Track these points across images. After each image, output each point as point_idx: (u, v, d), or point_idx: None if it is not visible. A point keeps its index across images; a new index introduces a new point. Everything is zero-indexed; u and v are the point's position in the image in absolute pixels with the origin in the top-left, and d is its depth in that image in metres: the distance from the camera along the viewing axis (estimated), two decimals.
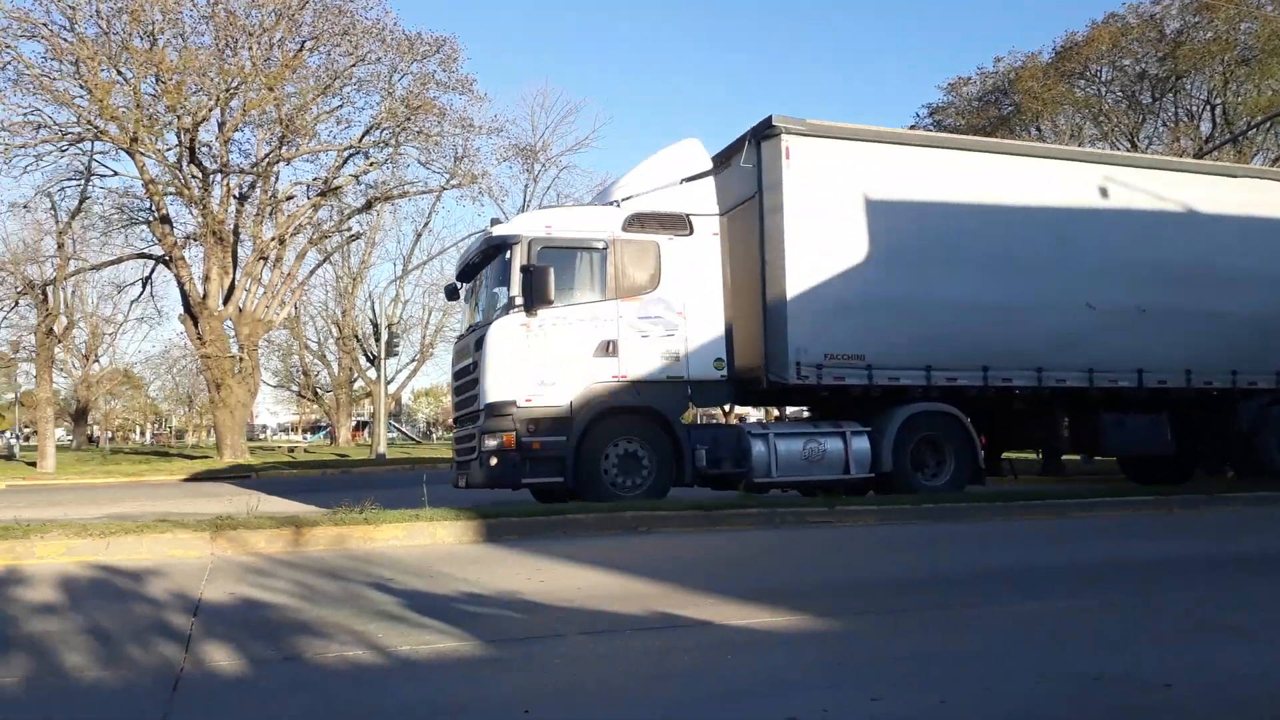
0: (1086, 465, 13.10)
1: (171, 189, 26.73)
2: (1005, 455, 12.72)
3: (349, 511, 7.86)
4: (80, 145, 26.14)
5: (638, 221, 10.45)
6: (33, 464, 28.58)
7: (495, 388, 9.77)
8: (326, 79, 26.94)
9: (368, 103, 28.94)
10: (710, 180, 10.92)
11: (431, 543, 7.73)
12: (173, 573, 6.29)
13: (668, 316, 10.31)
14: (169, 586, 5.80)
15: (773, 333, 10.65)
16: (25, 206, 28.58)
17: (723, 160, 11.27)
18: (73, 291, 37.86)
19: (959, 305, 11.19)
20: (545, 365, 9.79)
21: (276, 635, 4.52)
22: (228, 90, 25.39)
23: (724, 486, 10.65)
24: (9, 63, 23.75)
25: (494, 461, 9.59)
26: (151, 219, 27.97)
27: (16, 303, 30.46)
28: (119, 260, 31.59)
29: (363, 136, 28.74)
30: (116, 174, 27.60)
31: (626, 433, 10.03)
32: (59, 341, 32.02)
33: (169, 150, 26.32)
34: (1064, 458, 13.10)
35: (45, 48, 24.20)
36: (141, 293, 33.16)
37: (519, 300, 9.80)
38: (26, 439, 56.62)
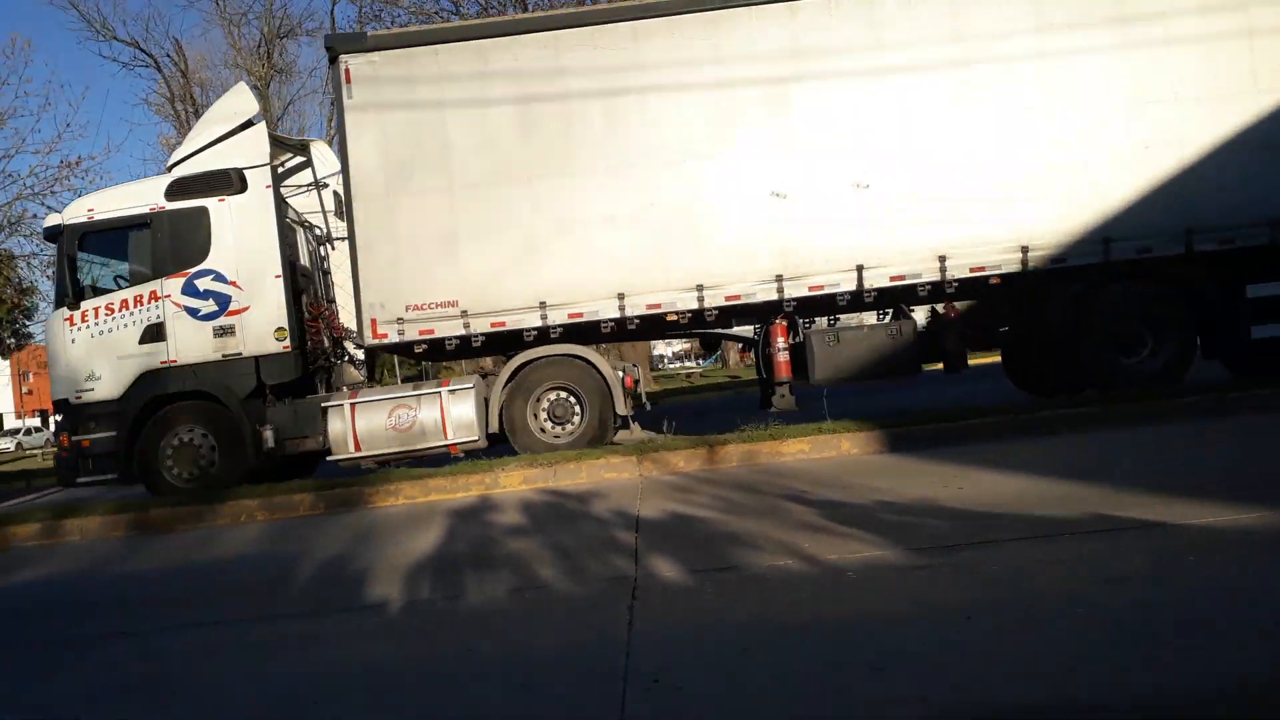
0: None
1: None
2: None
3: (756, 429, 8.17)
4: None
5: (181, 187, 9.39)
6: None
7: (55, 384, 9.45)
8: None
9: None
10: (262, 126, 9.86)
11: (837, 454, 7.79)
12: (610, 493, 6.98)
13: (219, 289, 9.33)
14: (609, 506, 6.44)
15: (357, 288, 9.18)
16: None
17: None
18: None
19: (575, 221, 9.11)
20: (93, 357, 9.24)
21: (710, 547, 4.83)
22: None
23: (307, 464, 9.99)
24: None
25: (59, 461, 9.58)
26: None
27: None
28: None
29: None
30: None
31: (186, 421, 9.26)
32: None
33: None
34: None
35: None
36: None
37: (64, 292, 9.36)
38: None
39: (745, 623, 3.56)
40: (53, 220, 9.90)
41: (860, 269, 9.07)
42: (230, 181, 9.40)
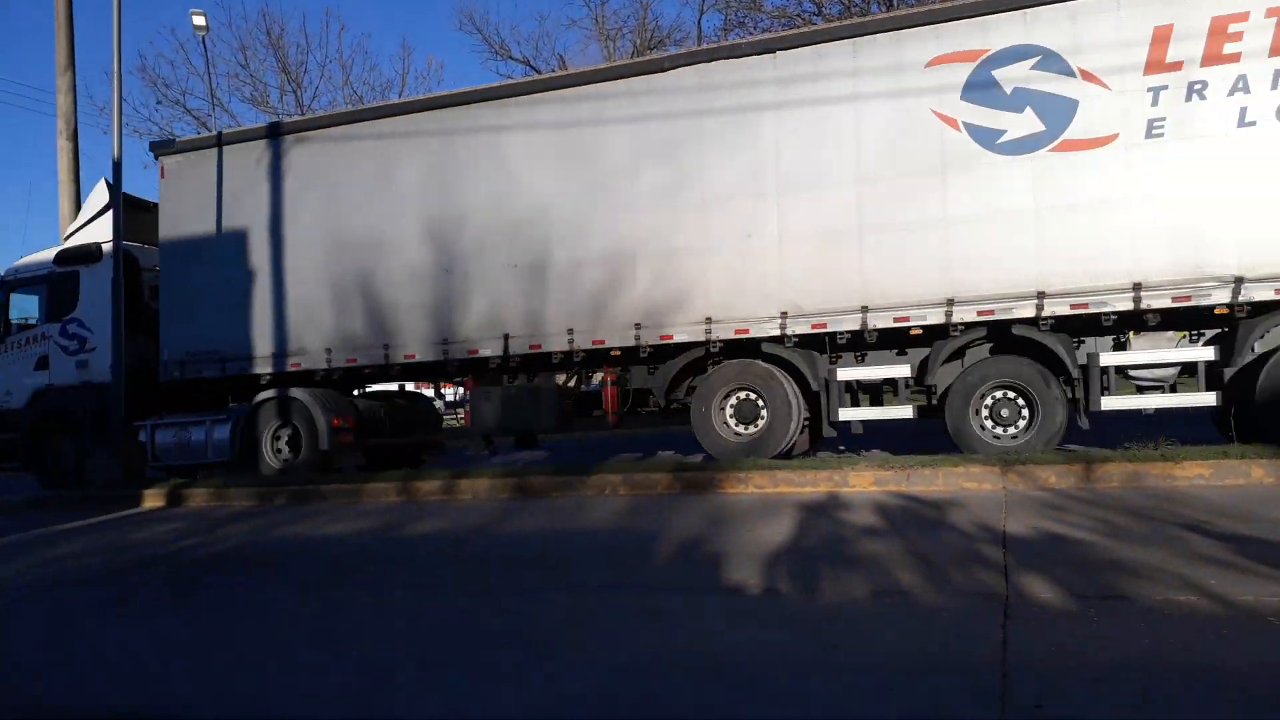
0: None
1: None
2: None
3: (1142, 448, 7.33)
4: None
5: (64, 257, 12.50)
6: None
7: None
8: None
9: None
10: (105, 216, 12.22)
11: (1245, 482, 6.78)
12: (969, 504, 6.60)
13: (82, 333, 12.31)
14: (970, 517, 6.09)
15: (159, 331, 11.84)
16: None
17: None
18: None
19: (301, 298, 11.19)
20: (11, 378, 12.78)
21: (1091, 572, 4.40)
22: None
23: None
24: None
25: None
26: None
27: None
28: None
29: None
30: None
31: (63, 429, 12.29)
32: None
33: None
34: None
35: None
36: None
37: None
38: None
39: (1138, 660, 3.19)
40: None
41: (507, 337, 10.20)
42: (93, 254, 12.35)
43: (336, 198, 11.11)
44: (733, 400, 9.51)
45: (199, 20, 25.71)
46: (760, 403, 9.38)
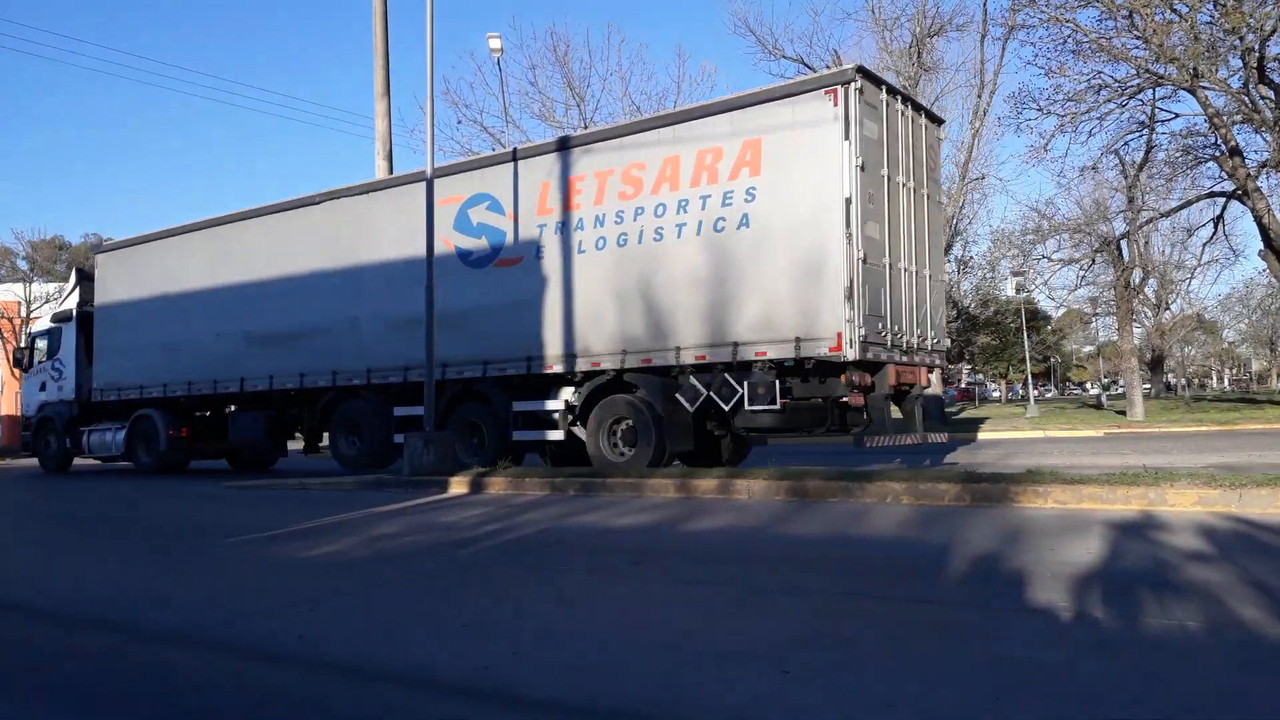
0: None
1: (1239, 117, 25.04)
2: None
3: None
4: (1140, 96, 26.55)
5: (56, 318, 20.60)
6: (1121, 413, 30.23)
7: (24, 407, 21.93)
8: None
9: None
10: (76, 290, 20.27)
11: None
12: None
13: (60, 368, 20.14)
14: None
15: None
16: (1093, 168, 30.47)
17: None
18: (1145, 243, 38.69)
19: (166, 344, 17.96)
20: (30, 394, 21.19)
21: None
22: None
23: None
24: (1069, 36, 25.56)
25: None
26: (1219, 154, 26.70)
27: (1093, 261, 32.68)
28: (1187, 204, 31.04)
29: None
30: (1178, 116, 27.32)
31: (49, 430, 20.43)
32: (1136, 294, 33.14)
33: (1232, 77, 24.76)
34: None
35: (1099, 11, 25.27)
36: (1213, 234, 31.99)
37: (22, 361, 21.86)
38: (1105, 388, 60.56)
39: None
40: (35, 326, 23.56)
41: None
42: (68, 316, 20.13)
43: (167, 282, 18.23)
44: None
45: (495, 43, 27.88)
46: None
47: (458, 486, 11.34)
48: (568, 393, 12.98)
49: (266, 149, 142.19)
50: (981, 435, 22.37)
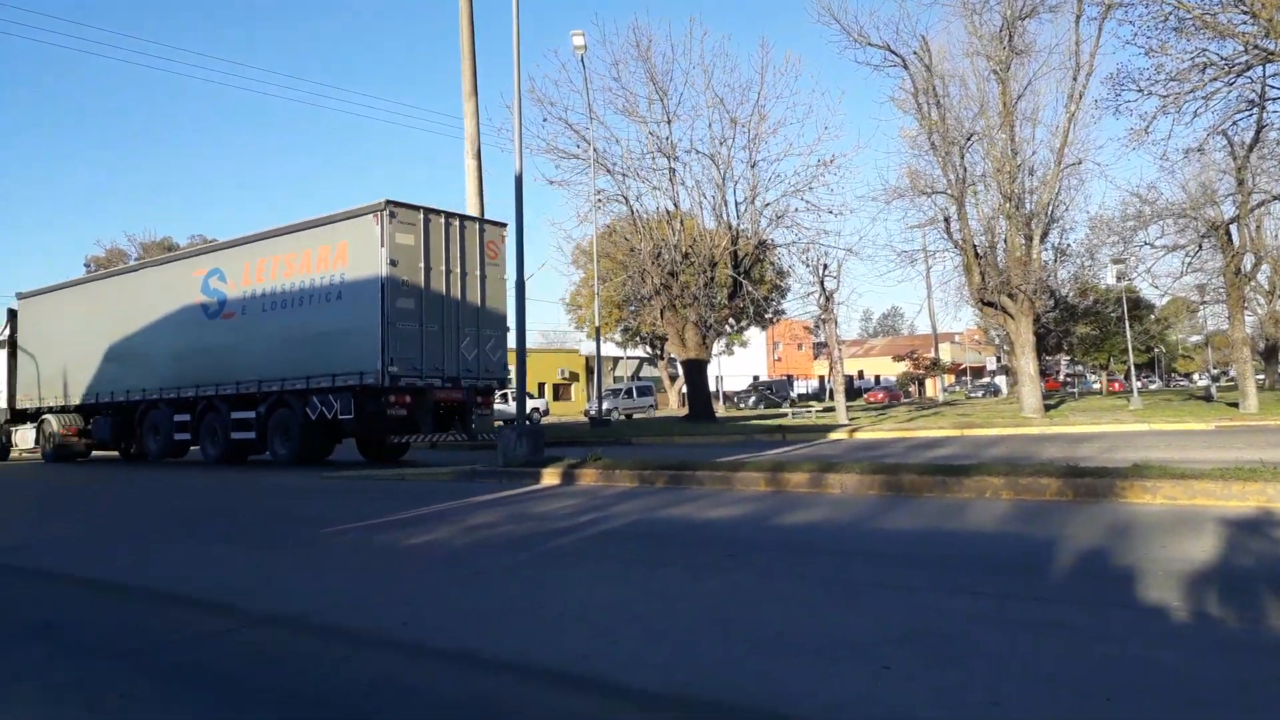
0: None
1: None
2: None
3: None
4: (1248, 74, 25.21)
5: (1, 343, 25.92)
6: (1233, 405, 28.81)
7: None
8: None
9: None
10: (4, 328, 25.74)
11: None
12: None
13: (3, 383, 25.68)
14: None
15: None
16: (1199, 150, 29.00)
17: None
18: (1256, 227, 36.77)
19: (56, 368, 23.84)
20: None
21: None
22: None
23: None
24: (1170, 13, 24.42)
25: None
26: None
27: (1200, 247, 31.19)
28: None
29: None
30: None
31: None
32: (1248, 280, 31.54)
33: None
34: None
35: None
36: None
37: None
38: (1214, 380, 57.88)
39: None
40: None
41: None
42: (4, 343, 25.19)
43: (58, 322, 24.20)
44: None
45: (578, 40, 28.05)
46: None
47: (549, 478, 11.50)
48: (261, 407, 18.16)
49: (360, 152, 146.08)
50: (1081, 429, 21.60)
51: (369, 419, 16.54)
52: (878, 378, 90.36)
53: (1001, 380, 78.27)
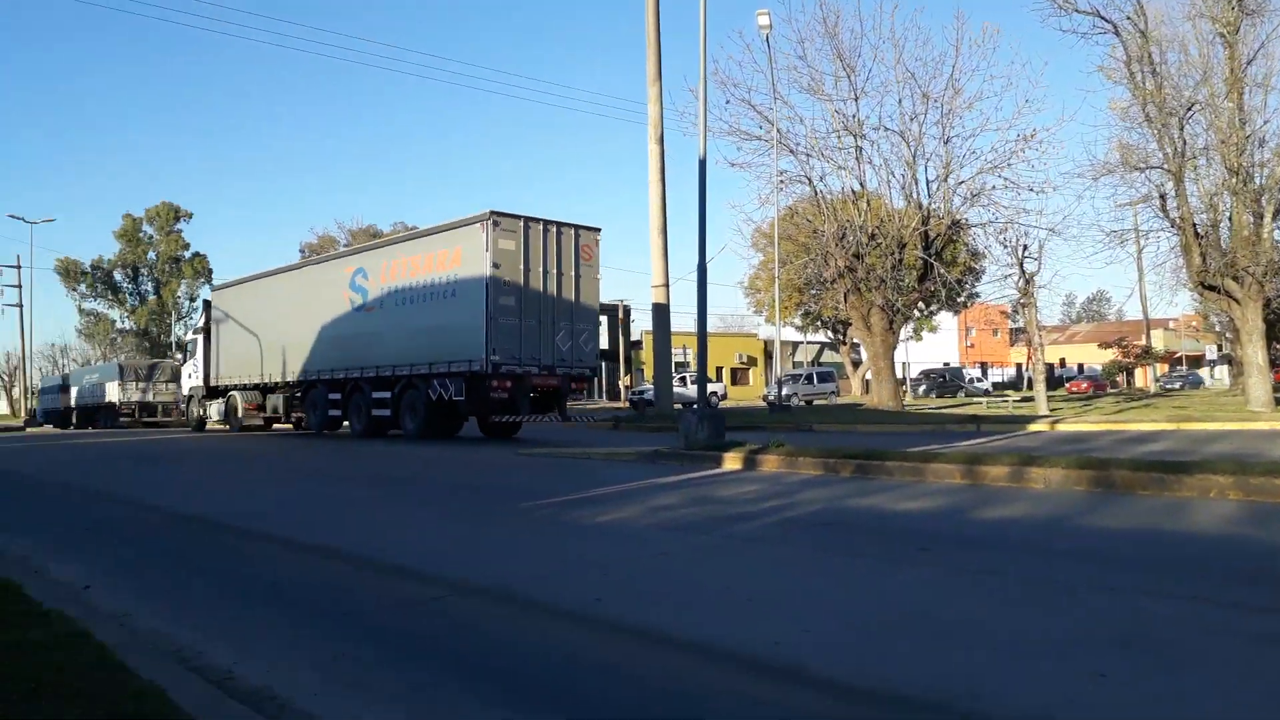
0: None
1: None
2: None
3: None
4: None
5: (195, 331, 31.43)
6: None
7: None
8: None
9: None
10: (203, 316, 30.80)
11: None
12: None
13: (196, 366, 30.15)
14: None
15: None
16: None
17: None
18: None
19: (244, 352, 26.82)
20: (185, 381, 33.05)
21: None
22: None
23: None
24: None
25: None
26: None
27: None
28: None
29: None
30: None
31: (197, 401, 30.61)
32: None
33: None
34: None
35: None
36: None
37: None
38: None
39: None
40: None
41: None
42: (199, 331, 30.68)
43: (247, 312, 27.51)
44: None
45: (763, 20, 27.69)
46: None
47: (731, 462, 11.50)
48: (395, 388, 20.83)
49: (544, 139, 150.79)
50: None
51: (476, 400, 18.80)
52: (1081, 366, 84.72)
53: (1205, 372, 71.63)
